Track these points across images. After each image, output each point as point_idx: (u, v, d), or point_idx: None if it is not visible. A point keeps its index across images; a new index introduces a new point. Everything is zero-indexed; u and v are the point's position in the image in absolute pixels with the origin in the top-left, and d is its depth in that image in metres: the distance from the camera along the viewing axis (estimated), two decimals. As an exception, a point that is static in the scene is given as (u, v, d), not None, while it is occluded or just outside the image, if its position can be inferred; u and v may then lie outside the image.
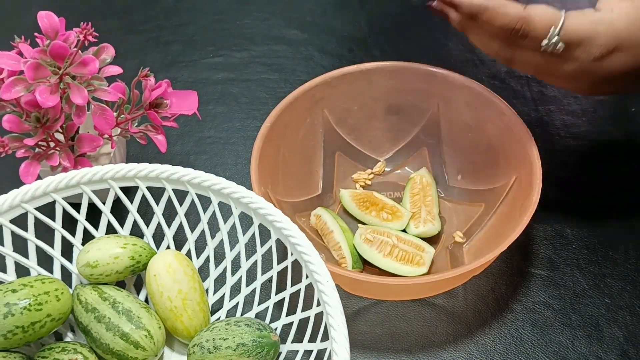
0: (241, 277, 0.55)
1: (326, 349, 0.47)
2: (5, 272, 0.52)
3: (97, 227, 0.56)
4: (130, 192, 0.56)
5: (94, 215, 0.55)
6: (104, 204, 0.55)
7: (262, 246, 0.53)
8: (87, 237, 0.55)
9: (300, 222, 0.62)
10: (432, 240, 0.60)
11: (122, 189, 0.54)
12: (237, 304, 0.55)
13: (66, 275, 0.55)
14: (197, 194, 0.53)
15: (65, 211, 0.53)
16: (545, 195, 0.53)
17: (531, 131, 0.56)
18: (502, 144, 0.60)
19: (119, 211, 0.56)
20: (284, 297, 0.52)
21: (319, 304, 0.47)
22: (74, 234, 0.55)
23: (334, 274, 0.48)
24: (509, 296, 0.58)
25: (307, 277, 0.48)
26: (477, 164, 0.63)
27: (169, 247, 0.56)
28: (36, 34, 0.56)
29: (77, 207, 0.54)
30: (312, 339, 0.49)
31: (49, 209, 0.53)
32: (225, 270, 0.55)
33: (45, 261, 0.54)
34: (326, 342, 0.47)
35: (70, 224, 0.54)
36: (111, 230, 0.55)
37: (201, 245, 0.57)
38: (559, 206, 0.63)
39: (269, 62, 0.80)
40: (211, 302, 0.55)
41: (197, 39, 0.83)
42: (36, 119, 0.54)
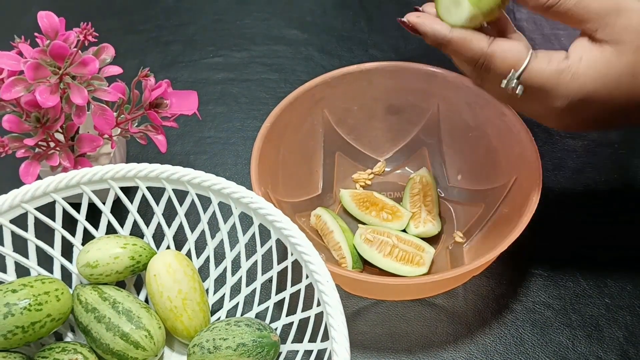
0: (241, 277, 0.55)
1: (326, 349, 0.47)
2: (5, 272, 0.52)
3: (97, 227, 0.56)
4: (130, 192, 0.56)
5: (94, 215, 0.55)
6: (104, 204, 0.55)
7: (262, 246, 0.53)
8: (87, 237, 0.55)
9: (300, 222, 0.61)
10: (432, 240, 0.60)
11: (122, 189, 0.54)
12: (237, 304, 0.55)
13: (66, 275, 0.55)
14: (197, 194, 0.53)
15: (65, 211, 0.53)
16: (545, 195, 0.53)
17: (531, 131, 0.56)
18: (502, 144, 0.60)
19: (119, 211, 0.56)
20: (284, 297, 0.52)
21: (319, 304, 0.47)
22: (74, 234, 0.55)
23: (334, 274, 0.48)
24: (509, 296, 0.57)
25: (307, 277, 0.48)
26: (477, 164, 0.63)
27: (169, 247, 0.56)
28: (36, 34, 0.56)
29: (77, 207, 0.54)
30: (312, 339, 0.49)
31: (49, 209, 0.52)
32: (225, 270, 0.55)
33: (45, 261, 0.54)
34: (326, 342, 0.47)
35: (70, 224, 0.54)
36: (111, 230, 0.55)
37: (201, 245, 0.57)
38: (559, 206, 0.63)
39: (269, 62, 0.80)
40: (211, 302, 0.55)
41: (197, 39, 0.83)
42: (36, 119, 0.54)
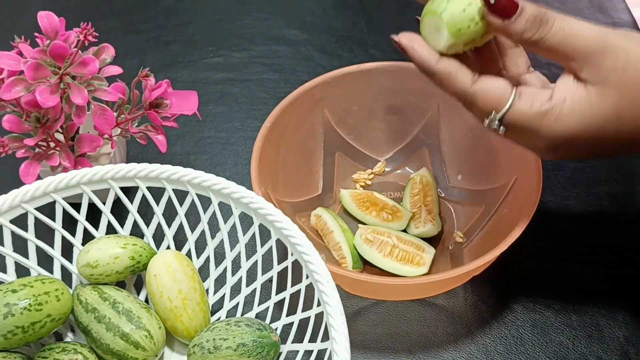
0: (241, 277, 0.54)
1: (326, 349, 0.47)
2: (5, 272, 0.52)
3: (97, 227, 0.56)
4: (130, 192, 0.56)
5: (94, 215, 0.55)
6: (104, 204, 0.55)
7: (262, 246, 0.53)
8: (87, 237, 0.55)
9: (300, 222, 0.61)
10: (432, 240, 0.60)
11: (122, 189, 0.54)
12: (238, 304, 0.55)
13: (66, 275, 0.55)
14: (197, 194, 0.53)
15: (65, 211, 0.53)
16: (545, 195, 0.53)
17: (531, 131, 0.56)
18: (502, 144, 0.59)
19: (119, 211, 0.56)
20: (284, 297, 0.52)
21: (319, 304, 0.47)
22: (74, 234, 0.55)
23: (334, 274, 0.48)
24: (509, 296, 0.57)
25: (308, 277, 0.48)
26: (477, 164, 0.63)
27: (169, 247, 0.56)
28: (36, 34, 0.56)
29: (77, 207, 0.54)
30: (313, 339, 0.49)
31: (49, 209, 0.52)
32: (225, 270, 0.55)
33: (45, 261, 0.54)
34: (326, 342, 0.47)
35: (70, 224, 0.54)
36: (111, 230, 0.55)
37: (201, 245, 0.57)
38: (559, 206, 0.63)
39: (269, 62, 0.80)
40: (211, 302, 0.55)
41: (197, 39, 0.83)
42: (36, 119, 0.54)
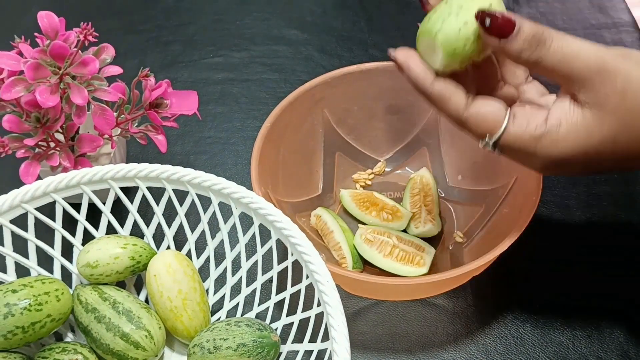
0: (241, 278, 0.54)
1: (326, 349, 0.47)
2: (5, 272, 0.52)
3: (97, 227, 0.56)
4: (130, 192, 0.56)
5: (94, 215, 0.55)
6: (104, 204, 0.55)
7: (262, 246, 0.53)
8: (87, 237, 0.55)
9: (300, 222, 0.61)
10: (432, 240, 0.60)
11: (122, 189, 0.54)
12: (238, 304, 0.55)
13: (66, 275, 0.55)
14: (197, 194, 0.53)
15: (65, 211, 0.53)
16: (545, 195, 0.53)
17: (531, 131, 0.56)
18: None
19: (119, 211, 0.56)
20: (285, 298, 0.52)
21: (319, 304, 0.47)
22: (74, 234, 0.55)
23: (334, 274, 0.48)
24: (509, 296, 0.57)
25: (308, 277, 0.48)
26: (477, 164, 0.63)
27: (169, 247, 0.56)
28: (36, 34, 0.56)
29: (77, 207, 0.54)
30: (313, 339, 0.49)
31: (49, 209, 0.52)
32: (225, 270, 0.55)
33: (45, 261, 0.54)
34: (326, 342, 0.47)
35: (70, 224, 0.54)
36: (111, 230, 0.55)
37: (201, 245, 0.57)
38: (559, 206, 0.63)
39: (269, 62, 0.80)
40: (211, 302, 0.55)
41: (197, 39, 0.83)
42: (36, 119, 0.54)
